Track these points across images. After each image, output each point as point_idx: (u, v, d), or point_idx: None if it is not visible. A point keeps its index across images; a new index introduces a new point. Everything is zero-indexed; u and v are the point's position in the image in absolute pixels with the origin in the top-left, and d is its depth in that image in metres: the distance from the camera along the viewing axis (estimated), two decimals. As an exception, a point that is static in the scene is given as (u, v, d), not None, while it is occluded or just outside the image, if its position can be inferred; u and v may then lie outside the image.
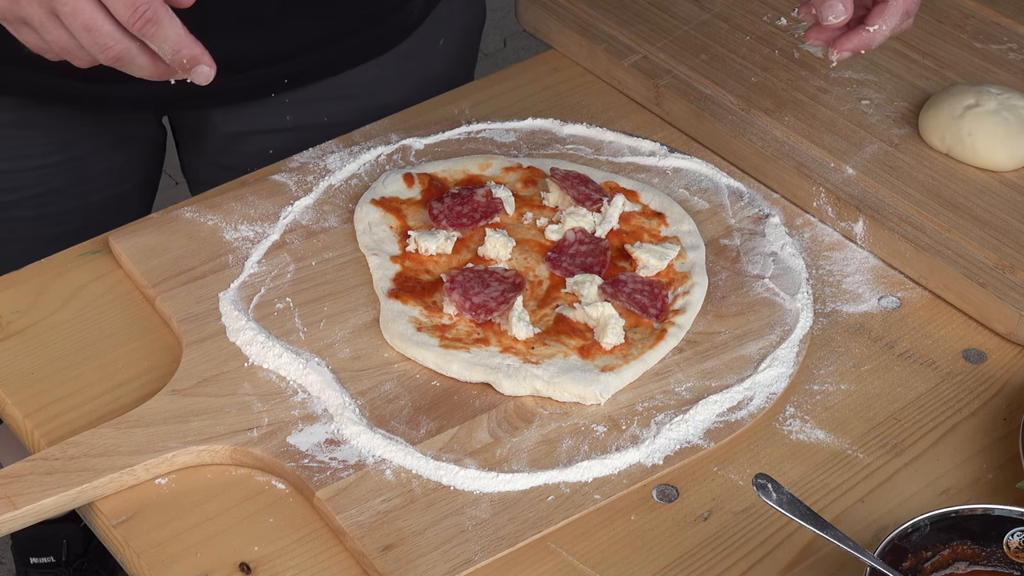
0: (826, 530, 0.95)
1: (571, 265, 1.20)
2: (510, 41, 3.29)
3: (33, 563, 2.00)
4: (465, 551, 0.99)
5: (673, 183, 1.31)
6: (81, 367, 1.13)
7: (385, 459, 1.05)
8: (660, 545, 1.02)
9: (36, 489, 1.01)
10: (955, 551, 0.97)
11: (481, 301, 1.15)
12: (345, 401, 1.08)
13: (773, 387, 1.12)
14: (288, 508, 1.03)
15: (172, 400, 1.08)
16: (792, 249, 1.23)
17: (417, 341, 1.13)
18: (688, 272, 1.20)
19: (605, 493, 1.04)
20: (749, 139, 1.33)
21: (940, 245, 1.22)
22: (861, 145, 1.32)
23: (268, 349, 1.12)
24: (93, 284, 1.20)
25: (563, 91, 1.43)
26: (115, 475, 1.03)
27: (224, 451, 1.06)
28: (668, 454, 1.06)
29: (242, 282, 1.18)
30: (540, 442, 1.07)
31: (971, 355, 1.17)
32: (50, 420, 1.09)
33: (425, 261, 1.20)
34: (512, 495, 1.03)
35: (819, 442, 1.09)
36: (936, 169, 1.30)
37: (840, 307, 1.20)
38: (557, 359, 1.12)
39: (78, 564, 1.99)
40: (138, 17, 1.02)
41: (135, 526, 1.02)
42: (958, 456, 1.09)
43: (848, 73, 1.41)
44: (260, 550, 1.01)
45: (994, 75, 1.42)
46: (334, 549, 1.01)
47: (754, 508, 1.04)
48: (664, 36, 1.45)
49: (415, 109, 1.40)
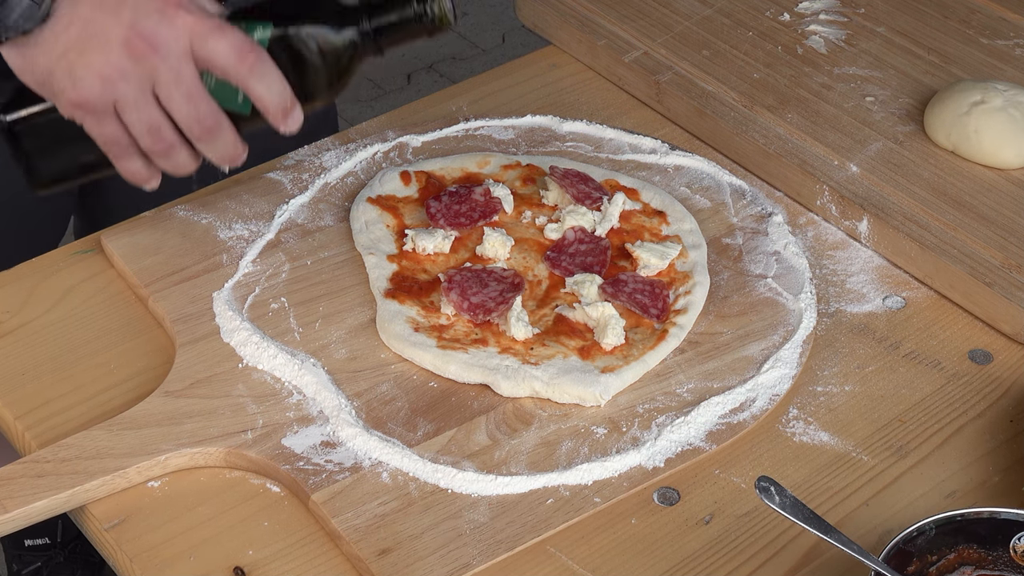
0: (830, 534, 0.95)
1: (571, 264, 1.19)
2: (509, 37, 3.29)
3: (28, 545, 1.99)
4: (463, 555, 0.99)
5: (674, 181, 1.30)
6: (73, 368, 1.13)
7: (382, 461, 1.04)
8: (661, 549, 1.01)
9: (27, 492, 1.01)
10: (961, 555, 0.96)
11: (479, 301, 1.14)
12: (341, 403, 1.08)
13: (776, 388, 1.11)
14: (283, 511, 1.03)
15: (165, 402, 1.08)
16: (795, 248, 1.23)
17: (414, 342, 1.12)
18: (690, 271, 1.19)
19: (605, 496, 1.03)
20: (751, 136, 1.32)
21: (946, 244, 1.21)
22: (865, 142, 1.32)
23: (263, 350, 1.11)
24: (85, 284, 1.20)
25: (562, 88, 1.42)
26: (107, 478, 1.03)
27: (218, 453, 1.05)
28: (669, 456, 1.06)
29: (236, 282, 1.18)
30: (539, 444, 1.06)
31: (977, 356, 1.16)
32: (41, 422, 1.09)
33: (422, 260, 1.20)
34: (511, 498, 1.03)
35: (823, 444, 1.08)
36: (942, 167, 1.30)
37: (844, 307, 1.20)
38: (556, 360, 1.11)
39: (73, 545, 1.99)
40: (247, 56, 1.03)
41: (128, 530, 1.02)
42: (964, 458, 1.08)
43: (852, 69, 1.41)
44: (255, 554, 1.00)
45: (1001, 71, 1.41)
46: (330, 553, 1.01)
47: (757, 511, 1.03)
48: (665, 32, 1.45)
49: (412, 106, 1.39)
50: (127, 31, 1.02)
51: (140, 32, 1.02)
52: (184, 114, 1.05)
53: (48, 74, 1.04)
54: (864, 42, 1.45)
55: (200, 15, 1.04)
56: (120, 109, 1.05)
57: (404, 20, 1.10)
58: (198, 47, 1.03)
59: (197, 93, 1.04)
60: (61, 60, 1.03)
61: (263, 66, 1.05)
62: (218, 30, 1.04)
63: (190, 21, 1.03)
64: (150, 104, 1.04)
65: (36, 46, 1.03)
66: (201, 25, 1.03)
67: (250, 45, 1.04)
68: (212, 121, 1.05)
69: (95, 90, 1.03)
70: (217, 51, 1.03)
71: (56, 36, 1.03)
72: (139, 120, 1.05)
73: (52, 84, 1.04)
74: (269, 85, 1.05)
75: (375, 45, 1.10)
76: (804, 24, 1.46)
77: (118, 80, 1.03)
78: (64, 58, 1.03)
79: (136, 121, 1.05)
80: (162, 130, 1.05)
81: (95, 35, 1.02)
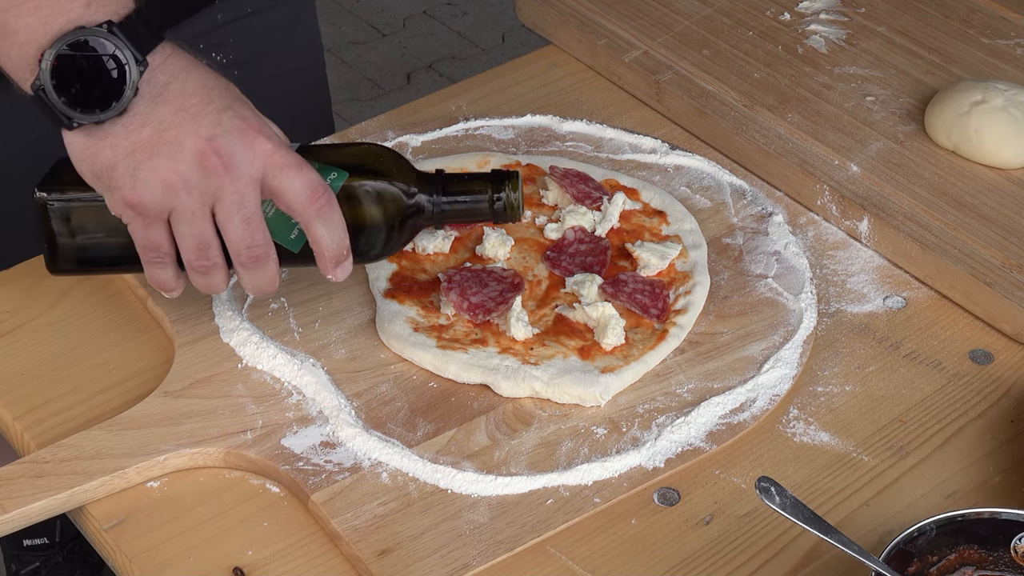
0: (830, 534, 0.94)
1: (571, 264, 1.19)
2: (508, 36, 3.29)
3: (26, 545, 1.99)
4: (463, 556, 0.99)
5: (674, 181, 1.30)
6: (72, 368, 1.12)
7: (381, 462, 1.04)
8: (661, 549, 1.01)
9: (26, 492, 1.01)
10: (962, 555, 0.96)
11: (479, 301, 1.14)
12: (341, 403, 1.07)
13: (776, 389, 1.11)
14: (282, 512, 1.03)
15: (164, 402, 1.07)
16: (796, 248, 1.22)
17: (414, 342, 1.11)
18: (690, 271, 1.19)
19: (605, 496, 1.03)
20: (752, 136, 1.32)
21: (946, 244, 1.21)
22: (866, 142, 1.31)
23: (262, 350, 1.11)
24: (84, 283, 1.19)
25: (562, 87, 1.42)
26: (106, 478, 1.02)
27: (217, 454, 1.05)
28: (669, 457, 1.06)
29: (236, 281, 1.17)
30: (539, 444, 1.06)
31: (978, 356, 1.16)
32: (40, 422, 1.08)
33: (422, 260, 1.19)
34: (511, 498, 1.02)
35: (823, 445, 1.08)
36: (942, 166, 1.29)
37: (844, 307, 1.19)
38: (556, 360, 1.11)
39: (71, 545, 1.99)
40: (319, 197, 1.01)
41: (127, 530, 1.01)
42: (965, 459, 1.08)
43: (853, 69, 1.40)
44: (254, 555, 1.00)
45: (1001, 71, 1.41)
46: (329, 554, 1.00)
47: (757, 512, 1.03)
48: (665, 31, 1.44)
49: (412, 105, 1.39)
50: (203, 143, 0.99)
51: (216, 148, 0.99)
52: (237, 238, 1.02)
53: (109, 168, 1.00)
54: (865, 42, 1.45)
55: (278, 145, 1.01)
56: (174, 219, 1.01)
57: (475, 205, 1.09)
58: (271, 177, 1.01)
59: (256, 221, 1.02)
60: (127, 158, 0.99)
61: (331, 211, 1.02)
62: (296, 166, 1.01)
63: (268, 149, 1.00)
64: (206, 220, 1.01)
65: (104, 138, 0.99)
66: (279, 156, 1.01)
67: (323, 187, 1.02)
68: (262, 251, 1.03)
69: (155, 195, 1.00)
70: (291, 186, 1.01)
71: (128, 132, 0.99)
72: (191, 234, 1.02)
73: (111, 179, 1.00)
74: (331, 231, 1.03)
75: (438, 218, 1.09)
76: (804, 24, 1.46)
77: (181, 189, 1.00)
78: (131, 156, 0.99)
79: (187, 235, 1.02)
80: (211, 249, 1.02)
81: (169, 141, 0.99)
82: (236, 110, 1.01)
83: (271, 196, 1.02)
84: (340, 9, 3.36)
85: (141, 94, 0.99)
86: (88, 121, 0.99)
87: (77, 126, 0.99)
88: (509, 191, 1.08)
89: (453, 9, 3.39)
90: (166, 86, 1.00)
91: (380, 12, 3.38)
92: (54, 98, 0.98)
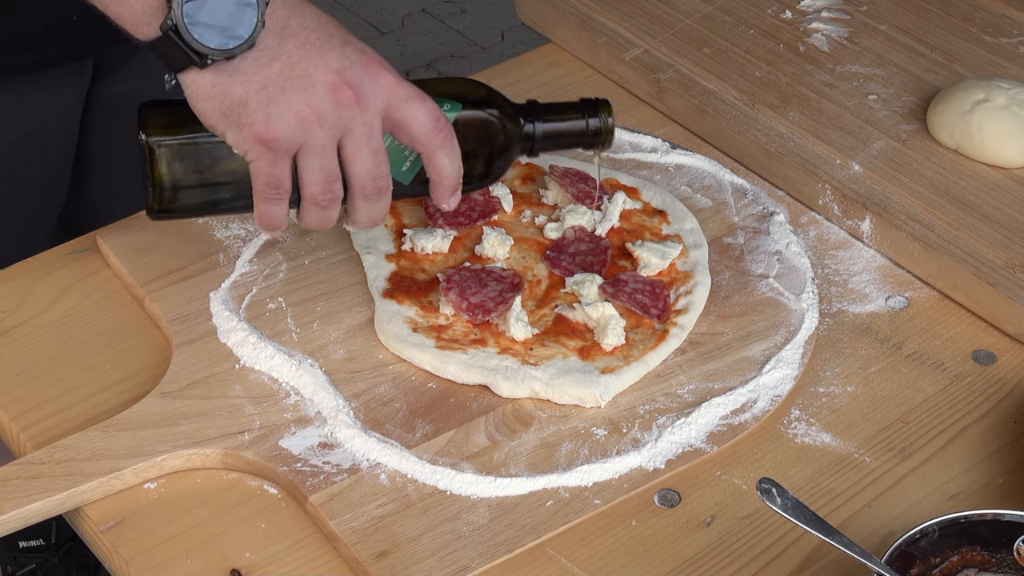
0: (832, 536, 0.94)
1: (570, 264, 1.19)
2: (508, 35, 3.29)
3: (22, 547, 1.99)
4: (462, 557, 0.98)
5: (675, 180, 1.30)
6: (68, 368, 1.12)
7: (380, 463, 1.04)
8: (662, 551, 1.01)
9: (22, 494, 1.00)
10: (964, 557, 0.96)
11: (478, 301, 1.13)
12: (339, 404, 1.07)
13: (778, 389, 1.10)
14: (280, 513, 1.02)
15: (162, 402, 1.07)
16: (797, 248, 1.22)
17: (413, 342, 1.11)
18: (690, 271, 1.19)
19: (605, 498, 1.03)
20: (753, 135, 1.31)
21: (949, 244, 1.20)
22: (868, 141, 1.31)
23: (260, 350, 1.11)
24: (81, 283, 1.19)
25: (562, 86, 1.42)
26: (103, 480, 1.02)
27: (215, 455, 1.04)
28: (670, 458, 1.05)
29: (233, 281, 1.17)
30: (539, 446, 1.06)
31: (980, 356, 1.15)
32: (36, 423, 1.08)
33: (421, 260, 1.19)
34: (510, 500, 1.02)
35: (825, 446, 1.08)
36: (945, 165, 1.29)
37: (846, 307, 1.19)
38: (556, 360, 1.10)
39: (68, 547, 1.99)
40: (442, 128, 1.02)
41: (123, 532, 1.01)
42: (967, 460, 1.08)
43: (855, 67, 1.40)
44: (252, 556, 0.99)
45: (1004, 69, 1.41)
46: (327, 555, 1.00)
47: (758, 513, 1.03)
48: (666, 29, 1.44)
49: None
50: (335, 76, 0.99)
51: (348, 80, 0.99)
52: (365, 171, 1.02)
53: (240, 104, 0.99)
54: (867, 40, 1.44)
55: (399, 77, 1.01)
56: (303, 152, 1.01)
57: (573, 128, 1.12)
58: (396, 109, 1.01)
59: (382, 153, 1.02)
60: (259, 93, 0.98)
61: (453, 141, 1.03)
62: (419, 97, 1.01)
63: (392, 81, 1.01)
64: (334, 153, 1.01)
65: (234, 74, 0.98)
66: (403, 89, 1.01)
67: (445, 118, 1.03)
68: (384, 183, 1.03)
69: (288, 129, 0.99)
70: (416, 117, 1.01)
71: (259, 67, 0.98)
72: (319, 167, 1.01)
73: (241, 115, 0.99)
74: (452, 160, 1.04)
75: (534, 145, 1.11)
76: (806, 22, 1.46)
77: (314, 123, 0.99)
78: (264, 91, 0.98)
79: (316, 168, 1.01)
80: (336, 182, 1.02)
81: (300, 75, 0.99)
82: (354, 44, 1.01)
83: (392, 128, 1.02)
84: (339, 7, 3.36)
85: (267, 27, 0.98)
86: (221, 56, 0.98)
87: (211, 63, 0.98)
88: (604, 116, 1.11)
89: (452, 7, 3.39)
90: (288, 20, 1.00)
91: (379, 10, 3.38)
92: (188, 35, 0.97)
